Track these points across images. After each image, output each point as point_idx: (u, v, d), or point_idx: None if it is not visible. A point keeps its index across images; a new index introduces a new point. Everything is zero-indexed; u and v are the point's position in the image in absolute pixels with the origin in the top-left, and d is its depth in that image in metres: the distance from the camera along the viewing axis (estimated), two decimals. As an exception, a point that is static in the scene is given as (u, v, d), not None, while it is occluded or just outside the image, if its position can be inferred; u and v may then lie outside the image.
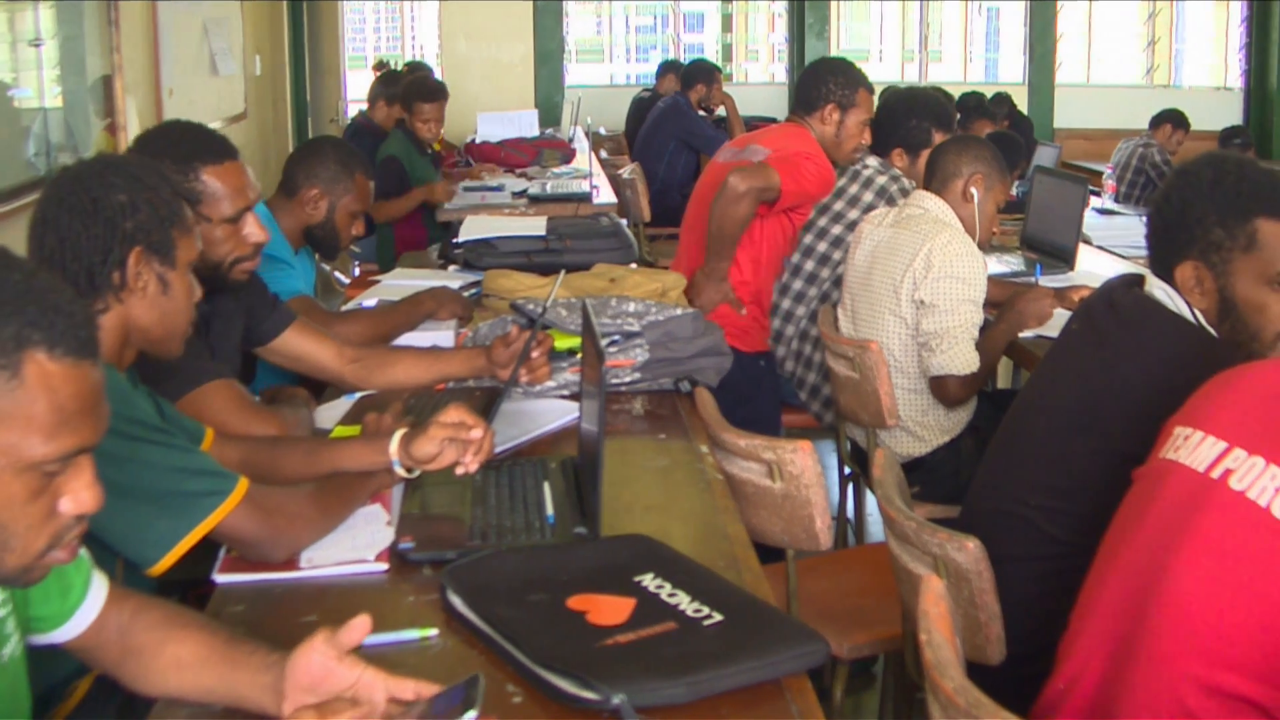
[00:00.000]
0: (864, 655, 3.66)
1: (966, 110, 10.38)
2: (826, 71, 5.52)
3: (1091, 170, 11.70)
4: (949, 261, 4.51)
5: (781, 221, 5.32)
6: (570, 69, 15.84)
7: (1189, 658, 2.11)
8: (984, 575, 2.79)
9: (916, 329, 4.59)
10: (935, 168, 4.89)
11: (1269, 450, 2.15)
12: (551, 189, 8.04)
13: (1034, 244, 6.66)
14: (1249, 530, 2.10)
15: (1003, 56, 17.80)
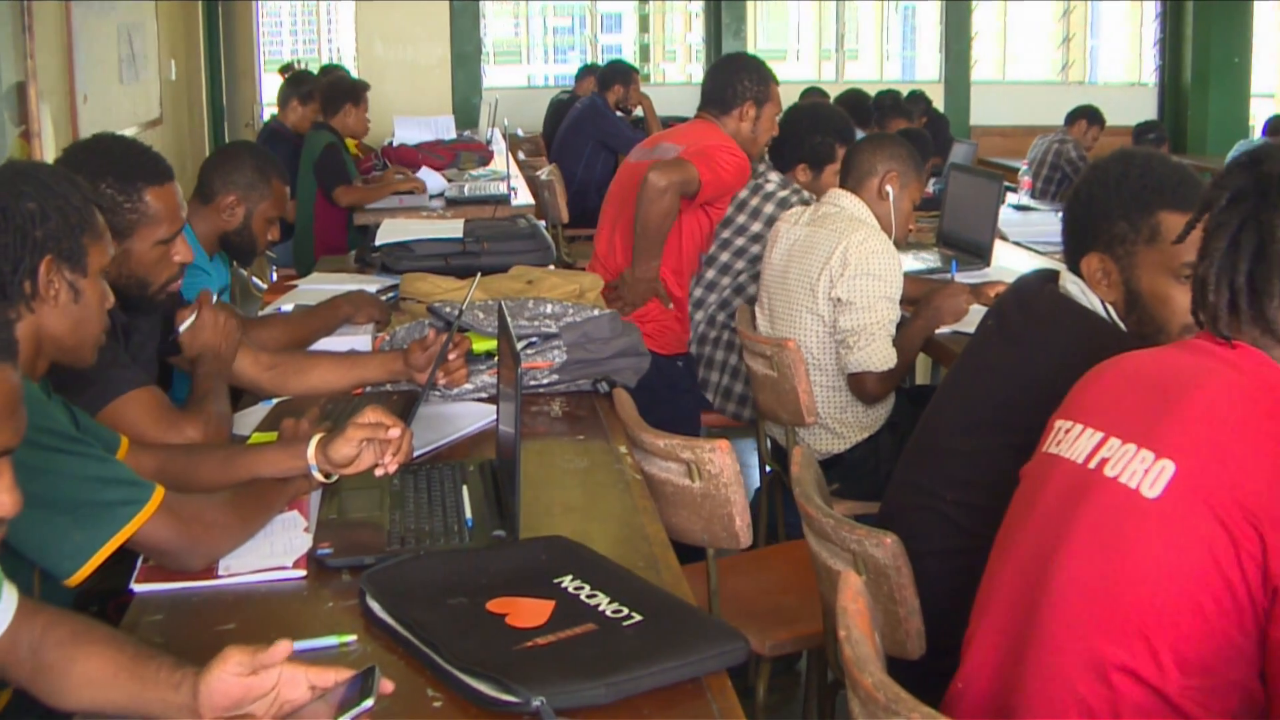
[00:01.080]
0: (786, 653, 3.67)
1: (882, 108, 10.44)
2: (739, 69, 5.55)
3: (1007, 167, 11.77)
4: (865, 259, 4.53)
5: (699, 217, 5.34)
6: (488, 70, 15.79)
7: (1079, 649, 2.13)
8: (902, 571, 2.80)
9: (834, 326, 4.61)
10: (851, 166, 4.91)
11: (1138, 434, 2.19)
12: (469, 191, 8.02)
13: (950, 241, 6.70)
14: (1124, 515, 2.13)
15: (919, 55, 17.88)
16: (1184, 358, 2.30)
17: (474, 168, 9.27)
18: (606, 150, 10.77)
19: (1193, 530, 2.05)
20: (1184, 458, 2.12)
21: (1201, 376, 2.21)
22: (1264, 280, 2.19)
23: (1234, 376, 2.19)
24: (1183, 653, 2.05)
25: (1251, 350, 2.21)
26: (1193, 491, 2.08)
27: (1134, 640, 2.07)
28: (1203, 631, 2.04)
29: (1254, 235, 2.18)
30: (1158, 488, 2.12)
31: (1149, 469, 2.14)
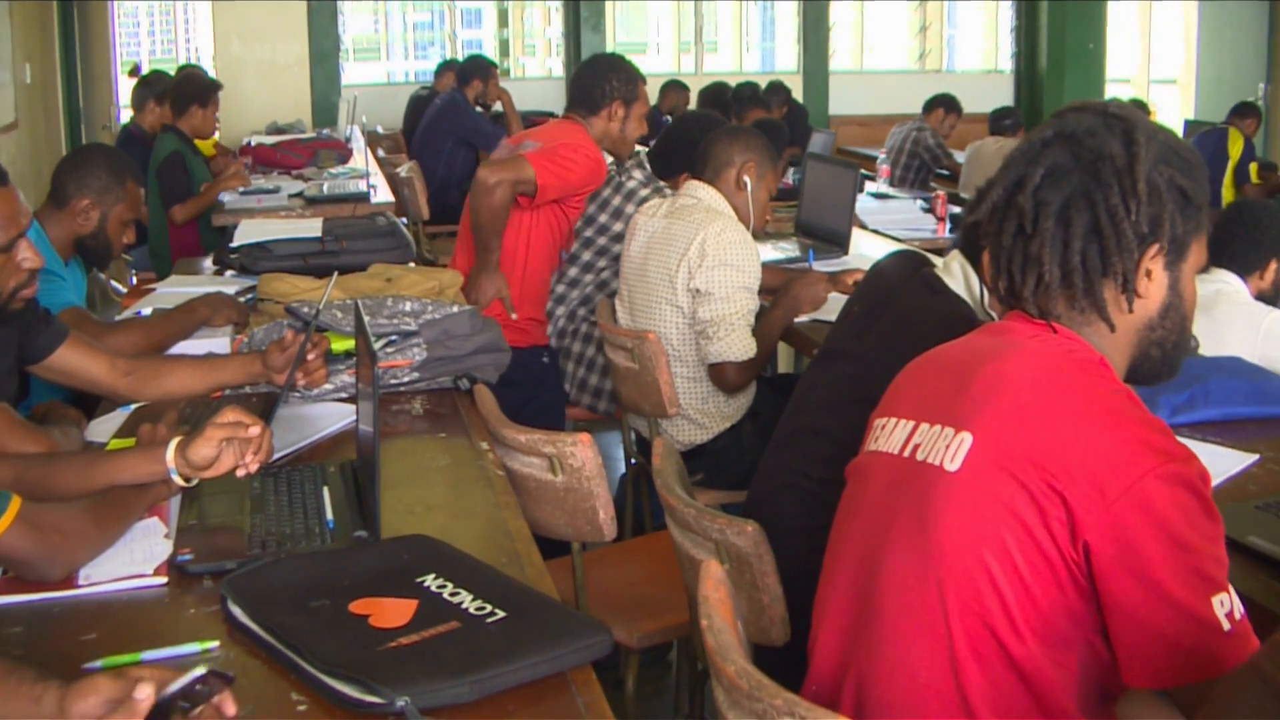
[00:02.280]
0: (655, 644, 3.68)
1: (740, 100, 10.50)
2: (606, 69, 5.59)
3: (866, 156, 11.90)
4: (723, 249, 4.56)
5: (554, 215, 5.35)
6: (347, 68, 15.67)
7: (916, 637, 2.16)
8: (764, 558, 2.83)
9: (693, 317, 4.63)
10: (707, 157, 4.94)
11: (941, 416, 2.23)
12: (328, 190, 7.97)
13: (808, 230, 6.74)
14: (932, 493, 2.17)
15: (778, 46, 17.94)
16: (986, 340, 2.35)
17: (333, 166, 9.21)
18: (467, 146, 10.73)
19: (994, 496, 2.09)
20: (980, 428, 2.16)
21: (998, 352, 2.26)
22: (1098, 258, 2.22)
23: (1031, 346, 2.24)
24: (1014, 618, 2.08)
25: (1057, 326, 2.26)
26: (991, 459, 2.12)
27: (967, 617, 2.10)
28: (1026, 594, 2.08)
29: (1085, 213, 2.21)
30: (958, 461, 2.16)
31: (950, 444, 2.18)
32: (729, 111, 9.99)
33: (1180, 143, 2.33)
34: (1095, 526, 2.04)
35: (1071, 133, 2.25)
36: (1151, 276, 2.27)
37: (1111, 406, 2.14)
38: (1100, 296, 2.25)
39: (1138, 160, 2.20)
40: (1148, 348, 2.34)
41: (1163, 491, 2.05)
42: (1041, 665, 2.11)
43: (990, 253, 2.34)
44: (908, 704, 2.17)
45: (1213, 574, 2.10)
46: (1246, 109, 12.39)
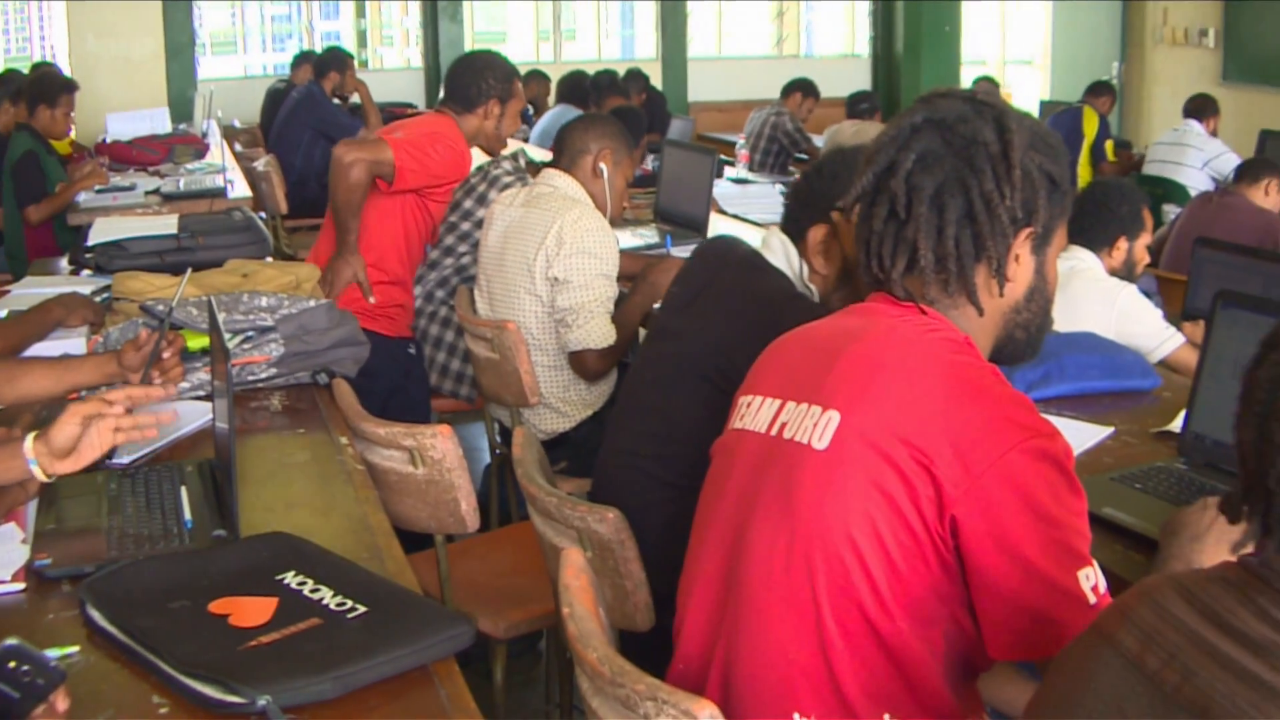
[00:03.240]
0: (522, 633, 3.67)
1: (598, 87, 10.52)
2: (483, 67, 5.58)
3: (725, 141, 11.95)
4: (580, 237, 4.58)
5: (414, 206, 5.33)
6: (204, 62, 15.46)
7: (780, 615, 2.17)
8: (626, 544, 2.84)
9: (552, 306, 4.64)
10: (564, 145, 4.96)
11: (808, 394, 2.25)
12: (185, 186, 7.89)
13: (666, 216, 6.77)
14: (799, 471, 2.18)
15: (637, 33, 17.96)
16: (853, 320, 2.37)
17: (190, 161, 9.11)
18: (325, 139, 10.62)
19: (862, 474, 2.11)
20: (848, 406, 2.18)
21: (865, 331, 2.28)
22: (972, 243, 2.25)
23: (897, 326, 2.27)
24: (882, 595, 2.10)
25: (926, 309, 2.29)
26: (858, 437, 2.14)
27: (835, 595, 2.11)
28: (893, 571, 2.10)
29: (960, 198, 2.23)
30: (826, 439, 2.17)
31: (818, 423, 2.20)
32: (587, 100, 9.99)
33: (1046, 129, 2.37)
34: (962, 501, 2.07)
35: (942, 119, 2.27)
36: (1020, 261, 2.31)
37: (977, 383, 2.17)
38: (972, 280, 2.27)
39: (1011, 147, 2.23)
40: (1013, 330, 2.39)
41: (1028, 466, 2.09)
42: (909, 642, 2.14)
43: (858, 236, 2.35)
44: (776, 683, 2.18)
45: (1078, 548, 2.14)
46: (1101, 88, 12.60)
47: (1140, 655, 1.54)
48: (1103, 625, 1.62)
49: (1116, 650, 1.57)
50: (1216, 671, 1.46)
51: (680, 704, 1.91)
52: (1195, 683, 1.47)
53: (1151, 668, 1.52)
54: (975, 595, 2.13)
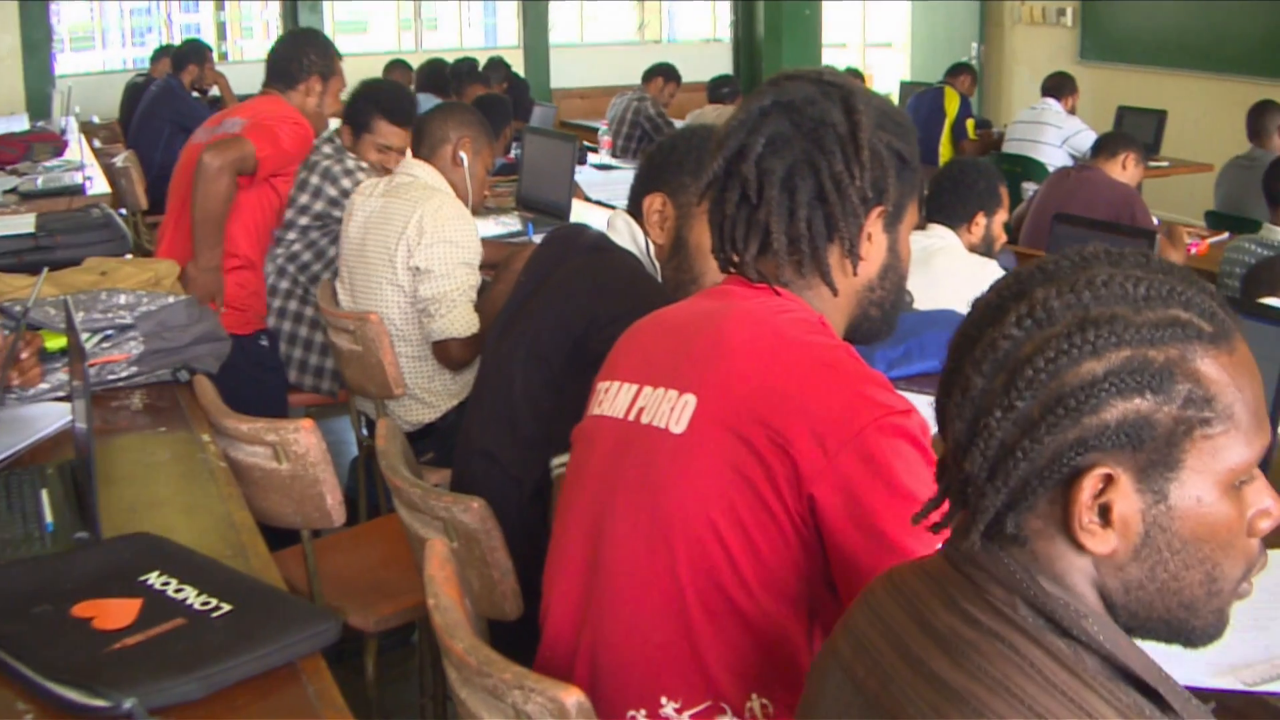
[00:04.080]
0: (394, 626, 3.66)
1: (459, 76, 10.47)
2: (304, 43, 5.59)
3: (588, 128, 11.96)
4: (440, 226, 4.58)
5: (266, 191, 5.30)
6: (62, 58, 15.23)
7: (650, 601, 2.18)
8: (492, 533, 2.84)
9: (415, 296, 4.63)
10: (423, 135, 4.95)
11: (665, 379, 2.26)
12: (43, 184, 7.74)
13: (529, 203, 6.78)
14: (657, 456, 2.19)
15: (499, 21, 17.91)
16: (707, 303, 2.38)
17: (48, 159, 8.95)
18: (184, 132, 10.46)
19: (720, 456, 2.12)
20: (704, 389, 2.18)
21: (719, 314, 2.29)
22: (823, 224, 2.27)
23: (750, 308, 2.27)
24: (743, 575, 2.11)
25: (780, 290, 2.29)
26: (715, 419, 2.15)
27: (697, 577, 2.12)
28: (754, 551, 2.11)
29: (810, 180, 2.24)
30: (683, 423, 2.18)
31: (674, 407, 2.20)
32: (447, 89, 9.95)
33: (894, 108, 2.39)
34: (819, 479, 2.08)
35: (790, 101, 2.27)
36: (872, 240, 2.32)
37: (831, 362, 2.18)
38: (825, 261, 2.28)
39: (859, 127, 2.24)
40: (867, 308, 2.40)
41: (883, 442, 2.10)
42: (774, 621, 2.15)
43: (711, 220, 2.36)
44: (642, 666, 2.19)
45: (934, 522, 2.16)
46: (961, 69, 12.77)
47: (852, 664, 1.56)
48: (833, 634, 1.66)
49: (838, 661, 1.59)
50: (908, 675, 1.46)
51: (547, 691, 1.92)
52: (890, 690, 1.47)
53: (859, 676, 1.54)
54: (835, 572, 2.15)
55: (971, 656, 1.42)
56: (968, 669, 1.41)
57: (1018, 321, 1.47)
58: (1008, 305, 1.50)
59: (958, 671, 1.42)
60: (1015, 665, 1.40)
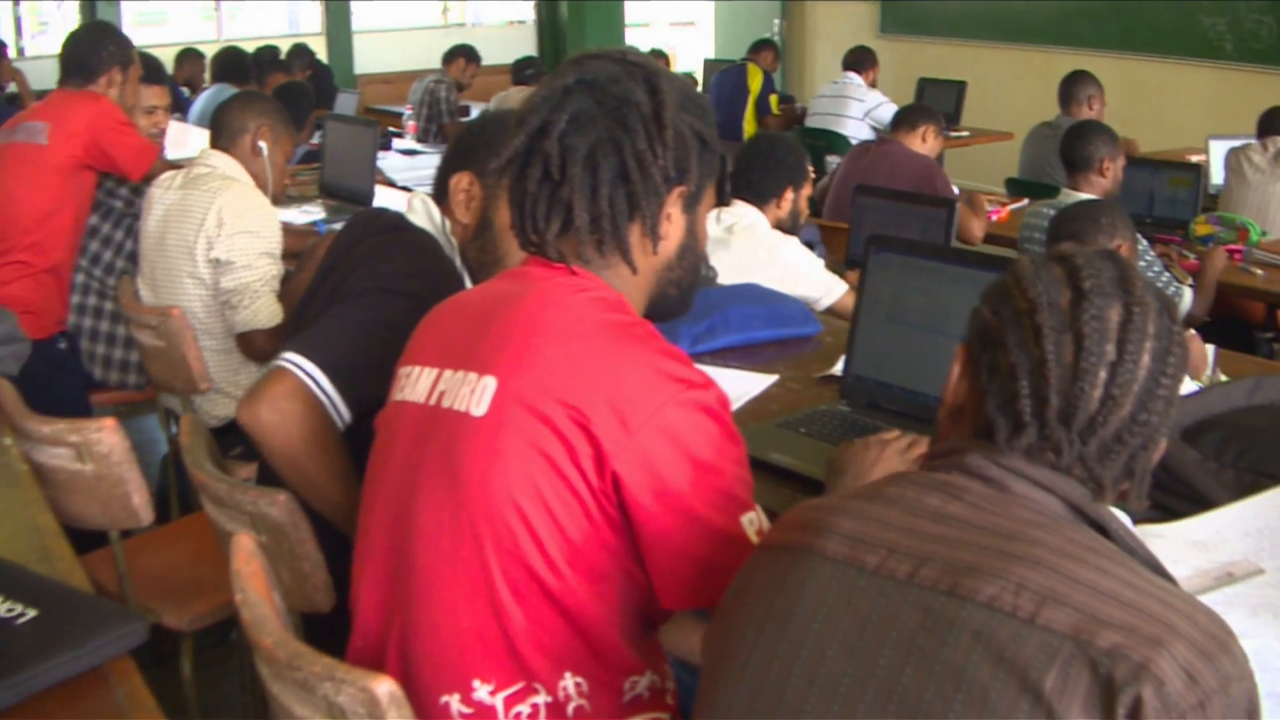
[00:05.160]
0: (208, 624, 3.61)
1: (260, 65, 10.35)
2: (100, 35, 5.55)
3: (393, 113, 11.89)
4: (240, 216, 4.52)
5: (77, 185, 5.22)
6: None
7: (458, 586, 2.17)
8: (300, 525, 2.80)
9: (216, 288, 4.56)
10: (221, 124, 4.89)
11: (464, 361, 2.25)
12: None
13: (332, 191, 6.74)
14: (459, 439, 2.18)
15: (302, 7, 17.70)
16: (505, 285, 2.37)
17: None
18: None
19: (521, 437, 2.12)
20: (503, 370, 2.18)
21: (517, 296, 2.29)
22: (625, 202, 2.27)
23: (548, 288, 2.27)
24: (550, 556, 2.12)
25: (575, 269, 2.30)
26: (515, 400, 2.14)
27: (504, 559, 2.12)
28: (560, 532, 2.12)
29: (613, 158, 2.24)
30: (484, 405, 2.17)
31: (474, 389, 2.20)
32: (248, 78, 9.83)
33: (695, 91, 2.41)
34: (621, 457, 2.09)
35: (594, 80, 2.27)
36: (672, 220, 2.34)
37: (629, 340, 2.19)
38: (625, 239, 2.29)
39: (663, 106, 2.25)
40: (665, 287, 2.41)
41: (684, 418, 2.12)
42: (582, 600, 2.16)
43: (512, 199, 2.35)
44: (452, 651, 2.18)
45: (739, 494, 2.19)
46: (763, 45, 12.89)
47: (855, 555, 1.70)
48: (798, 539, 1.78)
49: (825, 557, 1.73)
50: (945, 550, 1.66)
51: (358, 682, 1.91)
52: (931, 566, 1.65)
53: (873, 564, 1.68)
54: (643, 548, 2.16)
55: (1028, 532, 1.67)
56: (1025, 537, 1.66)
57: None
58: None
59: (1016, 541, 1.65)
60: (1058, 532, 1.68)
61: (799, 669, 1.67)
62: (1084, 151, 5.95)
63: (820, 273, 4.97)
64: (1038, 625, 1.54)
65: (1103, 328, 1.72)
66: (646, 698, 2.29)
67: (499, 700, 2.17)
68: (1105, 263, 1.80)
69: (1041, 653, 1.53)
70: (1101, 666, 1.50)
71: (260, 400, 2.80)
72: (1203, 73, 11.70)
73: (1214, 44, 11.66)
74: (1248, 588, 2.44)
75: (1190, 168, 7.36)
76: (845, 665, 1.64)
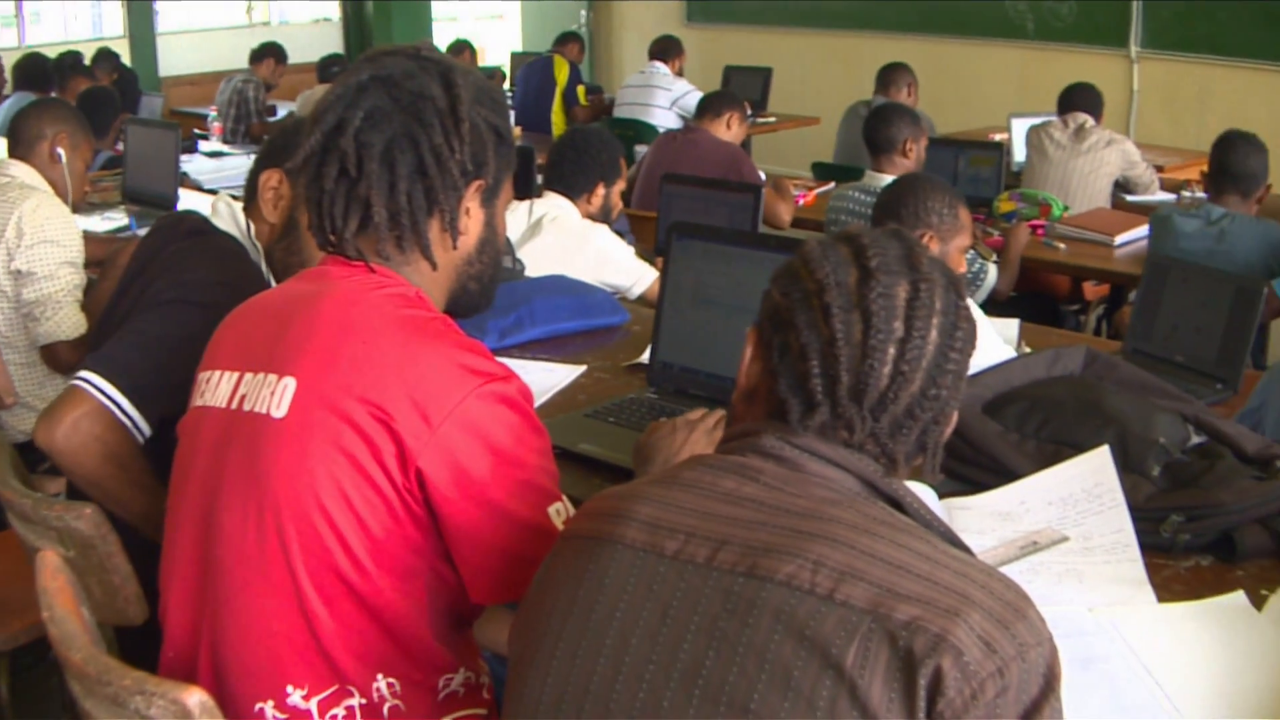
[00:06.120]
0: (24, 643, 3.55)
1: (62, 70, 10.17)
2: None
3: (200, 115, 11.74)
4: (40, 226, 4.44)
5: None
6: None
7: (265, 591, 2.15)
8: (108, 538, 2.75)
9: (18, 300, 4.48)
10: (18, 133, 4.83)
11: (264, 364, 2.24)
12: None
13: (135, 196, 6.64)
14: (261, 442, 2.17)
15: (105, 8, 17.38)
16: (303, 285, 2.36)
17: None
18: None
19: (323, 437, 2.11)
20: (302, 371, 2.17)
21: (315, 295, 2.27)
22: (424, 197, 2.27)
23: (346, 287, 2.26)
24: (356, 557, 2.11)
25: (374, 266, 2.29)
26: (316, 400, 2.14)
27: (310, 562, 2.11)
28: (365, 531, 2.11)
29: (410, 153, 2.24)
30: (284, 406, 2.16)
31: (275, 391, 2.18)
32: (50, 84, 9.65)
33: (491, 86, 2.40)
34: (424, 453, 2.09)
35: (388, 76, 2.26)
36: (471, 214, 2.34)
37: (429, 335, 2.19)
38: (425, 235, 2.28)
39: (459, 101, 2.25)
40: (466, 282, 2.42)
41: (485, 411, 2.13)
42: (392, 600, 2.16)
43: (309, 198, 2.33)
44: (264, 659, 2.17)
45: (545, 485, 2.21)
46: (569, 37, 12.95)
47: (654, 542, 1.71)
48: (593, 530, 1.80)
49: (625, 544, 1.74)
50: (742, 532, 1.69)
51: (169, 694, 1.89)
52: (730, 546, 1.67)
53: (672, 549, 1.70)
54: (450, 544, 2.16)
55: (823, 510, 1.70)
56: (821, 515, 1.69)
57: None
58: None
59: (812, 519, 1.68)
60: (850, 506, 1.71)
61: (604, 659, 1.69)
62: (887, 134, 6.05)
63: (630, 261, 5.00)
64: (836, 601, 1.57)
65: (890, 305, 1.75)
66: (462, 695, 2.30)
67: (313, 705, 2.16)
68: (891, 241, 1.82)
69: (841, 629, 1.55)
70: (901, 639, 1.53)
71: (56, 422, 2.78)
72: (1005, 53, 11.95)
73: (1016, 24, 11.91)
74: (1052, 555, 2.50)
75: (993, 146, 7.54)
76: (649, 652, 1.65)
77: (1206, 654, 2.25)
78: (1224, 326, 3.93)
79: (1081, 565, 2.47)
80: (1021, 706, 1.56)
